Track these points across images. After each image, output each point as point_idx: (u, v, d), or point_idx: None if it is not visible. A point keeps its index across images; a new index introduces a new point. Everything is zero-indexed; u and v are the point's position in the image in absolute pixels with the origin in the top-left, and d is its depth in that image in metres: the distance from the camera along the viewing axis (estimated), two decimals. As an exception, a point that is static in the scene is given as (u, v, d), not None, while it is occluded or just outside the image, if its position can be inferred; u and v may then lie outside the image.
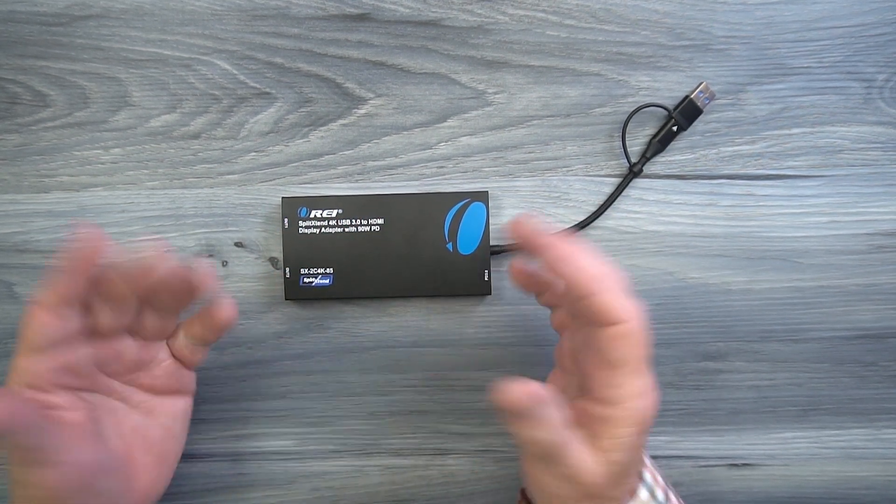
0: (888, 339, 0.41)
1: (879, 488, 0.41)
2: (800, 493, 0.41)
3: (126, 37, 0.40)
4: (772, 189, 0.40)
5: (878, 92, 0.40)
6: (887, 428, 0.41)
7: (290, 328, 0.41)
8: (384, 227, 0.39)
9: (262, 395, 0.41)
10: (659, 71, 0.40)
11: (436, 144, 0.40)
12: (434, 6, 0.40)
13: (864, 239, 0.40)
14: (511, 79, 0.40)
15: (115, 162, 0.40)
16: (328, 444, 0.41)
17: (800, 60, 0.40)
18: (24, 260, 0.40)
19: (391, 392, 0.41)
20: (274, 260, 0.41)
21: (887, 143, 0.40)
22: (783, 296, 0.40)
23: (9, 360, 0.40)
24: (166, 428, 0.35)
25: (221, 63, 0.40)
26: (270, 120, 0.40)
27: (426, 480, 0.41)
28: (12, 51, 0.40)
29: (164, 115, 0.40)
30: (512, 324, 0.41)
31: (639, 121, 0.40)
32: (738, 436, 0.41)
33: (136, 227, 0.40)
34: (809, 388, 0.41)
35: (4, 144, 0.40)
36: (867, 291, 0.40)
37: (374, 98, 0.40)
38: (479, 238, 0.39)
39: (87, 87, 0.40)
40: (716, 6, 0.40)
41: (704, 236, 0.40)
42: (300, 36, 0.40)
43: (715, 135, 0.40)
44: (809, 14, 0.40)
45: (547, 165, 0.40)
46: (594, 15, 0.40)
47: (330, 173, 0.41)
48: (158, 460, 0.34)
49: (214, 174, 0.40)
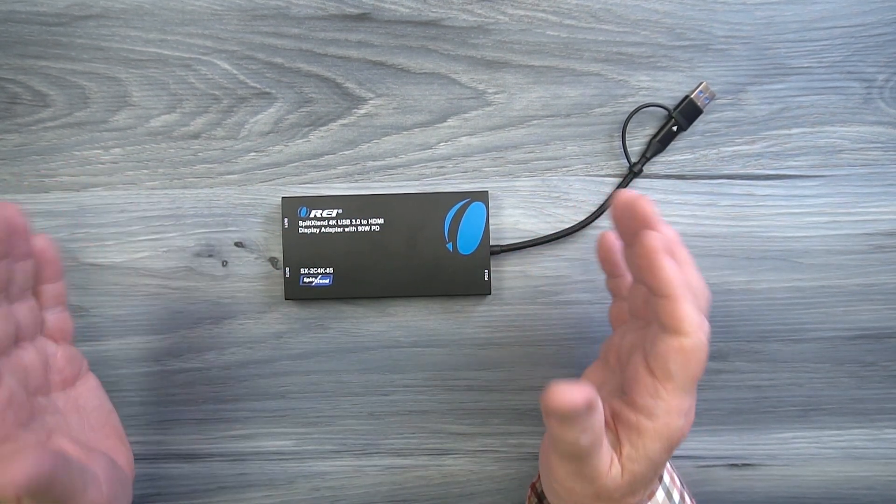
0: (888, 339, 0.41)
1: (880, 488, 0.41)
2: (800, 494, 0.41)
3: (126, 37, 0.40)
4: (772, 189, 0.40)
5: (878, 92, 0.40)
6: (888, 428, 0.41)
7: (289, 328, 0.41)
8: (384, 227, 0.39)
9: (262, 395, 0.41)
10: (659, 71, 0.40)
11: (436, 144, 0.40)
12: (434, 6, 0.40)
13: (863, 239, 0.40)
14: (511, 79, 0.40)
15: (115, 162, 0.40)
16: (328, 445, 0.41)
17: (800, 60, 0.40)
18: (23, 260, 0.40)
19: (391, 392, 0.41)
20: (274, 260, 0.41)
21: (887, 143, 0.40)
22: (783, 296, 0.40)
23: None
24: (101, 408, 0.34)
25: (221, 63, 0.40)
26: (270, 120, 0.40)
27: (426, 480, 0.41)
28: (12, 51, 0.40)
29: (164, 115, 0.40)
30: (512, 324, 0.41)
31: (639, 121, 0.40)
32: (738, 436, 0.41)
33: (136, 226, 0.40)
34: (809, 388, 0.41)
35: (4, 144, 0.40)
36: (867, 291, 0.40)
37: (374, 98, 0.40)
38: (479, 238, 0.39)
39: (87, 87, 0.40)
40: (716, 6, 0.40)
41: (704, 236, 0.40)
42: (300, 36, 0.40)
43: (715, 135, 0.40)
44: (809, 14, 0.40)
45: (547, 165, 0.40)
46: (594, 15, 0.40)
47: (330, 173, 0.41)
48: (118, 437, 0.34)
49: (214, 174, 0.40)
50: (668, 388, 0.27)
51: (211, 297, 0.41)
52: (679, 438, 0.28)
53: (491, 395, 0.41)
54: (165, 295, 0.41)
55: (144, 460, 0.41)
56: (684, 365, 0.27)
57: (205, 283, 0.41)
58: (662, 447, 0.28)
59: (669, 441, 0.28)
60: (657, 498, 0.31)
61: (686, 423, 0.28)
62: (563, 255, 0.40)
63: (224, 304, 0.41)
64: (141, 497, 0.41)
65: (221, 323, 0.41)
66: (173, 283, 0.41)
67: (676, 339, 0.27)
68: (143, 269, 0.41)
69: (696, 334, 0.27)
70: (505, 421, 0.41)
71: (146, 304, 0.41)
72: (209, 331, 0.41)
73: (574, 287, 0.41)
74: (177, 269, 0.41)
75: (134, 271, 0.40)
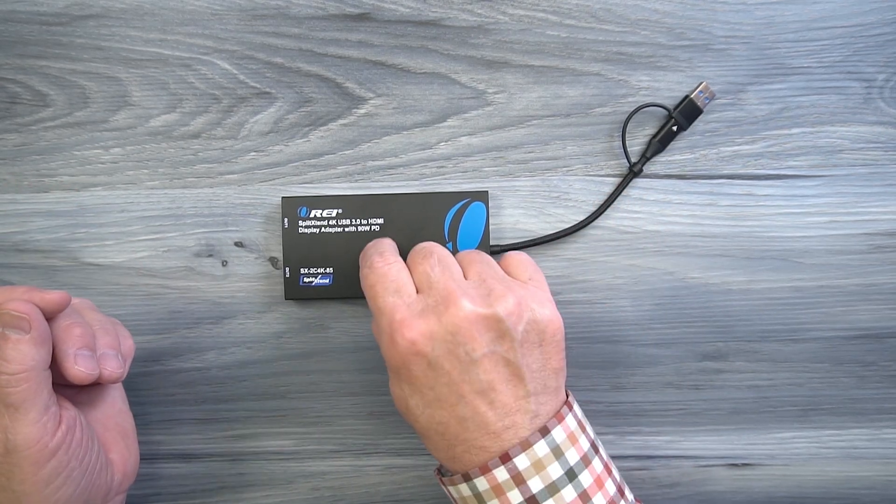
0: (888, 339, 0.41)
1: (880, 488, 0.41)
2: (800, 493, 0.41)
3: (126, 36, 0.40)
4: (772, 189, 0.40)
5: (878, 92, 0.40)
6: (887, 428, 0.41)
7: (289, 328, 0.41)
8: (384, 226, 0.39)
9: (262, 395, 0.41)
10: (659, 71, 0.40)
11: (436, 144, 0.40)
12: (434, 6, 0.40)
13: (863, 239, 0.40)
14: (511, 79, 0.40)
15: (114, 162, 0.40)
16: (327, 444, 0.41)
17: (800, 60, 0.40)
18: (23, 260, 0.40)
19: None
20: (274, 260, 0.41)
21: (887, 143, 0.40)
22: (783, 296, 0.40)
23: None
24: (115, 408, 0.35)
25: (221, 63, 0.40)
26: (270, 120, 0.40)
27: (426, 480, 0.41)
28: (12, 51, 0.40)
29: (164, 114, 0.40)
30: (512, 324, 0.41)
31: (639, 121, 0.40)
32: (738, 436, 0.41)
33: (136, 226, 0.40)
34: (809, 388, 0.41)
35: (4, 144, 0.40)
36: (867, 291, 0.40)
37: (374, 98, 0.40)
38: (479, 238, 0.39)
39: (87, 86, 0.40)
40: (716, 6, 0.40)
41: (704, 236, 0.40)
42: (300, 36, 0.40)
43: (715, 135, 0.40)
44: (809, 14, 0.40)
45: (547, 165, 0.40)
46: (594, 15, 0.40)
47: (330, 173, 0.41)
48: (125, 439, 0.35)
49: (214, 174, 0.40)
50: None
51: (211, 296, 0.41)
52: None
53: (491, 394, 0.41)
54: (165, 295, 0.41)
55: (144, 460, 0.41)
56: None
57: (205, 283, 0.41)
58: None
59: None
60: (535, 450, 0.30)
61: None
62: (563, 255, 0.40)
63: (224, 304, 0.41)
64: (141, 497, 0.41)
65: (221, 323, 0.41)
66: (173, 282, 0.41)
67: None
68: (142, 269, 0.40)
69: (362, 271, 0.33)
70: (505, 421, 0.41)
71: (146, 304, 0.41)
72: (209, 331, 0.41)
73: (574, 287, 0.41)
74: (177, 269, 0.41)
75: (134, 271, 0.40)
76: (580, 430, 0.32)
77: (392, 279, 0.32)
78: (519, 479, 0.29)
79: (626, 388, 0.41)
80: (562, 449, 0.30)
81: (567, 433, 0.31)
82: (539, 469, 0.29)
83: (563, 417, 0.31)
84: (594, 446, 0.32)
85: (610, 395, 0.41)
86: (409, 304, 0.31)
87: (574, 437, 0.31)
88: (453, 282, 0.31)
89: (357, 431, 0.41)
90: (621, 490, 0.32)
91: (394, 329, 0.30)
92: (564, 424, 0.31)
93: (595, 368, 0.41)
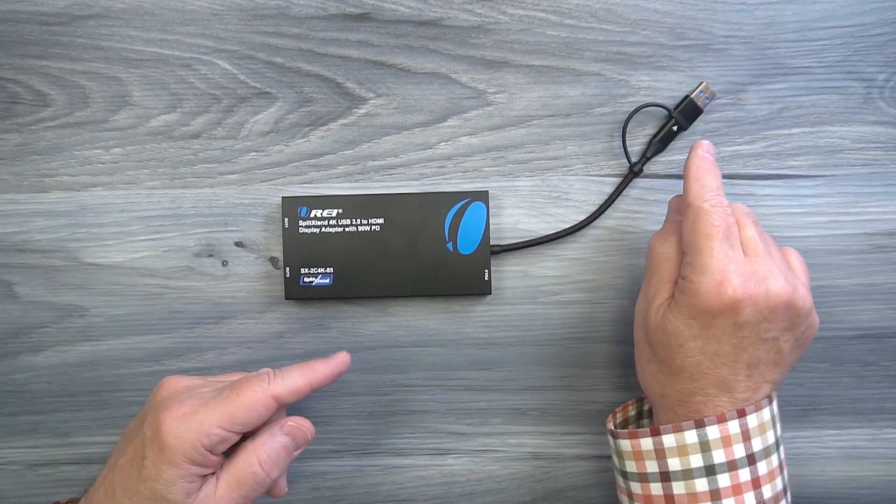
0: (888, 338, 0.41)
1: (880, 488, 0.41)
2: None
3: (126, 36, 0.40)
4: (772, 189, 0.40)
5: (879, 92, 0.40)
6: (887, 428, 0.41)
7: (290, 328, 0.41)
8: (384, 226, 0.39)
9: (262, 394, 0.41)
10: (659, 71, 0.40)
11: (436, 144, 0.40)
12: (434, 6, 0.40)
13: (864, 239, 0.40)
14: (511, 79, 0.40)
15: (115, 162, 0.40)
16: (328, 444, 0.41)
17: (800, 60, 0.40)
18: (23, 259, 0.40)
19: (391, 392, 0.41)
20: (274, 260, 0.41)
21: (887, 143, 0.40)
22: (783, 296, 0.40)
23: (8, 360, 0.41)
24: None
25: (221, 63, 0.40)
26: (270, 120, 0.40)
27: (426, 480, 0.41)
28: (12, 51, 0.40)
29: (165, 114, 0.40)
30: (512, 324, 0.41)
31: (639, 121, 0.40)
32: (739, 436, 0.41)
33: (136, 226, 0.40)
34: (809, 388, 0.41)
35: (4, 144, 0.40)
36: (867, 291, 0.40)
37: (374, 98, 0.40)
38: (479, 238, 0.39)
39: (87, 86, 0.40)
40: (716, 6, 0.40)
41: (704, 236, 0.40)
42: (300, 36, 0.40)
43: (715, 135, 0.40)
44: (809, 14, 0.40)
45: (547, 165, 0.40)
46: (594, 15, 0.40)
47: (330, 173, 0.41)
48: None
49: (214, 174, 0.40)
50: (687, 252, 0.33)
51: (211, 296, 0.41)
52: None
53: (491, 394, 0.41)
54: (165, 295, 0.41)
55: (144, 460, 0.41)
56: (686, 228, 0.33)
57: (205, 283, 0.41)
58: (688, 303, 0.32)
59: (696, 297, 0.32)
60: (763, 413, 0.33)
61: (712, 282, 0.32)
62: (563, 255, 0.40)
63: (224, 303, 0.41)
64: (141, 497, 0.41)
65: (221, 323, 0.41)
66: (173, 282, 0.41)
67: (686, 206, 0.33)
68: (143, 269, 0.41)
69: (696, 202, 0.32)
70: (505, 421, 0.41)
71: (146, 304, 0.41)
72: (209, 331, 0.41)
73: (574, 287, 0.41)
74: (177, 269, 0.41)
75: (134, 271, 0.40)
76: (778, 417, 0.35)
77: (730, 228, 0.32)
78: (746, 435, 0.32)
79: (627, 388, 0.41)
80: (776, 420, 0.34)
81: (775, 412, 0.34)
82: (763, 431, 0.32)
83: (772, 400, 0.34)
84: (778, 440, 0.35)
85: (610, 394, 0.41)
86: (740, 263, 0.32)
87: (776, 419, 0.34)
88: (778, 262, 0.33)
89: (357, 431, 0.41)
90: (786, 489, 0.35)
91: (726, 280, 0.31)
92: (775, 404, 0.34)
93: (596, 368, 0.41)
